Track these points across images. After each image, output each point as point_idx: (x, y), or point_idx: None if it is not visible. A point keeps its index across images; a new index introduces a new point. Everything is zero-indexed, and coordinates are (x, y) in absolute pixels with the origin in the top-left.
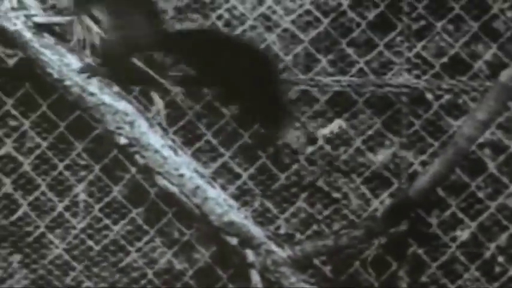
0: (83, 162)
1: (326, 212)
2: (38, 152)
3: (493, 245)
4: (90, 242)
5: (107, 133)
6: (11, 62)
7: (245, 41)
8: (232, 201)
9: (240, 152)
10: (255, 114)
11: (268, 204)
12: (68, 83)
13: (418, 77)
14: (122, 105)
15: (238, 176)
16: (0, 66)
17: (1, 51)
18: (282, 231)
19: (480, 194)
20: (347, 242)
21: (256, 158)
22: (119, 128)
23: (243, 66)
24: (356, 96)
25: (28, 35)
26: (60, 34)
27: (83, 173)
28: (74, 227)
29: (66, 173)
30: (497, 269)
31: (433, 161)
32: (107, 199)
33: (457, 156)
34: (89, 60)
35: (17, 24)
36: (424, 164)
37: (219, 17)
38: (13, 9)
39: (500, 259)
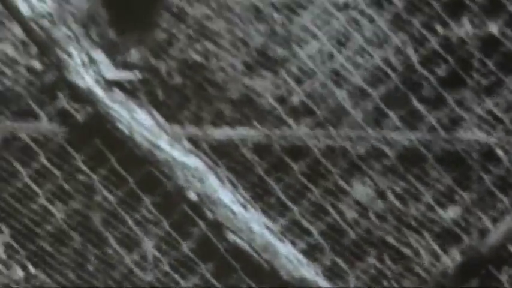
0: (151, 217)
1: (396, 269)
2: (107, 206)
3: None
4: None
5: (177, 188)
6: (81, 117)
7: None
8: (302, 257)
9: (309, 207)
10: None
11: (338, 260)
12: (137, 138)
13: (488, 133)
14: (192, 160)
15: (307, 232)
16: (70, 121)
17: (71, 106)
18: (352, 287)
19: None
20: None
21: (326, 213)
22: (189, 183)
23: None
24: (426, 152)
25: (98, 90)
26: (130, 90)
27: (152, 228)
28: (143, 282)
29: (135, 228)
30: None
31: (503, 217)
32: (176, 254)
33: None
34: None
35: (87, 79)
36: (494, 220)
37: (289, 73)
38: (84, 65)
39: None
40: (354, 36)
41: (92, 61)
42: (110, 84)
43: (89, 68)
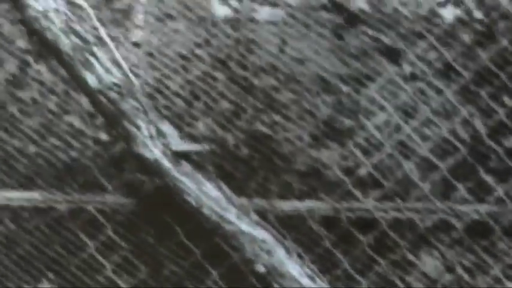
0: None
1: None
2: (173, 278)
3: None
4: None
5: (245, 261)
6: (148, 189)
7: None
8: None
9: (377, 280)
10: None
11: None
12: (205, 210)
13: None
14: (260, 233)
15: None
16: (137, 193)
17: (139, 178)
18: None
19: None
20: None
21: (394, 286)
22: (256, 256)
23: None
24: (494, 224)
25: (166, 163)
26: (198, 162)
27: None
28: None
29: None
30: None
31: None
32: None
33: None
34: None
35: (155, 152)
36: None
37: (356, 145)
38: (151, 137)
39: None
40: (422, 108)
41: (160, 133)
42: (178, 157)
43: (157, 140)
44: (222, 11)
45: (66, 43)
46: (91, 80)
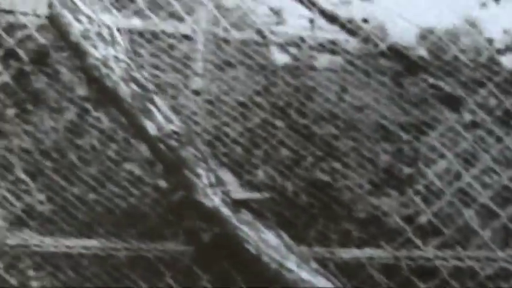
0: None
1: None
2: None
3: None
4: None
5: None
6: (208, 237)
7: None
8: None
9: None
10: None
11: None
12: (265, 258)
13: None
14: (321, 282)
15: None
16: (196, 241)
17: (198, 226)
18: None
19: None
20: None
21: None
22: None
23: None
24: None
25: (226, 210)
26: (257, 210)
27: None
28: None
29: None
30: None
31: None
32: None
33: None
34: None
35: (214, 200)
36: None
37: (417, 192)
38: (211, 185)
39: None
40: (482, 156)
41: (219, 181)
42: (237, 205)
43: (216, 188)
44: (281, 58)
45: (125, 91)
46: (150, 127)
